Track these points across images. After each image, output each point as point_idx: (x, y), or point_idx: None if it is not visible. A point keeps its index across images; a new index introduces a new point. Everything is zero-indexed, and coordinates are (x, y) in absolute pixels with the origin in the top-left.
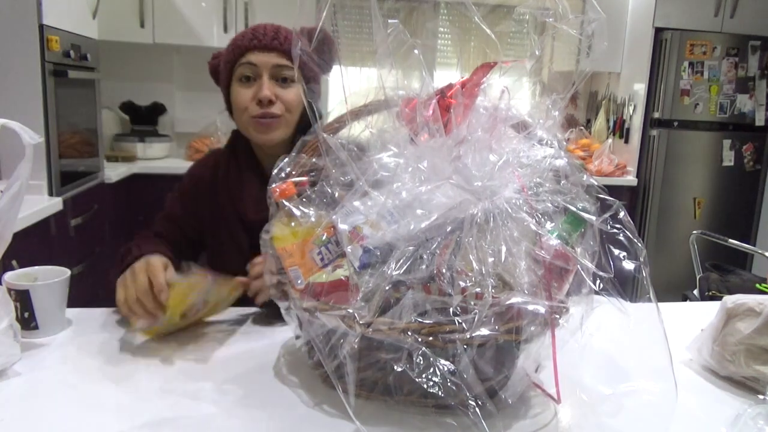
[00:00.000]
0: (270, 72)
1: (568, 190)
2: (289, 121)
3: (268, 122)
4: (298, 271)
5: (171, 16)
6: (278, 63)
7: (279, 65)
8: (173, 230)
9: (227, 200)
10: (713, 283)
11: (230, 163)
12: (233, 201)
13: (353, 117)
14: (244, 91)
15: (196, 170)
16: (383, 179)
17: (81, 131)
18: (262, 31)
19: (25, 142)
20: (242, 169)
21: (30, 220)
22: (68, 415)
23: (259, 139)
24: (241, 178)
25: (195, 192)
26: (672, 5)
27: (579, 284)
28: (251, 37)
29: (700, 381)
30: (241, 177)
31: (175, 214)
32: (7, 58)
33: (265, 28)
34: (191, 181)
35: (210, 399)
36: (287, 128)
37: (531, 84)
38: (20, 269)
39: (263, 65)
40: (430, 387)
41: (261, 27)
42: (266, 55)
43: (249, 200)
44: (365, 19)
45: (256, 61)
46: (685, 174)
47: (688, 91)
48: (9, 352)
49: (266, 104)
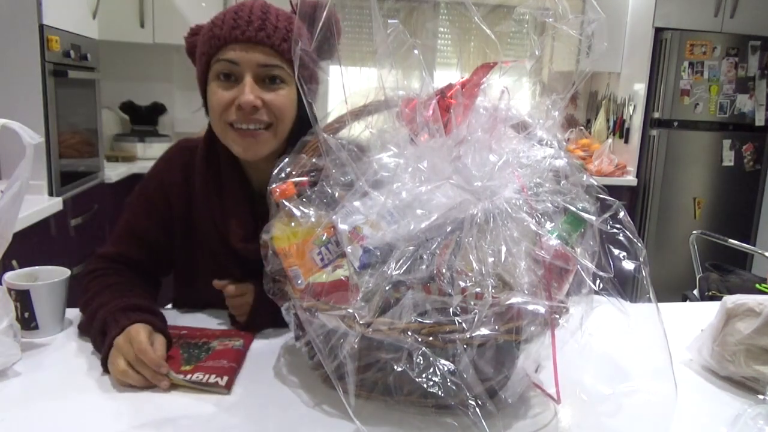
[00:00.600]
0: (255, 72)
1: (568, 190)
2: (278, 131)
3: (252, 133)
4: (298, 271)
5: (171, 16)
6: (265, 63)
7: (266, 65)
8: (140, 250)
9: (206, 217)
10: (713, 283)
11: (208, 173)
12: (214, 222)
13: (353, 117)
14: (222, 93)
15: (163, 173)
16: (383, 179)
17: (81, 131)
18: (247, 17)
19: (25, 142)
20: (224, 183)
21: (30, 220)
22: (68, 415)
23: (239, 154)
24: (222, 193)
25: (164, 202)
26: (672, 5)
27: (579, 284)
28: (232, 25)
29: (700, 381)
30: (222, 192)
31: (141, 229)
32: (7, 58)
33: (251, 12)
34: (159, 188)
35: (210, 399)
36: (275, 140)
37: (531, 84)
38: (20, 269)
39: (246, 64)
40: (430, 387)
41: (246, 10)
42: (250, 51)
43: (232, 225)
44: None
45: (238, 58)
46: (685, 174)
47: (688, 91)
48: (9, 352)
49: (249, 111)
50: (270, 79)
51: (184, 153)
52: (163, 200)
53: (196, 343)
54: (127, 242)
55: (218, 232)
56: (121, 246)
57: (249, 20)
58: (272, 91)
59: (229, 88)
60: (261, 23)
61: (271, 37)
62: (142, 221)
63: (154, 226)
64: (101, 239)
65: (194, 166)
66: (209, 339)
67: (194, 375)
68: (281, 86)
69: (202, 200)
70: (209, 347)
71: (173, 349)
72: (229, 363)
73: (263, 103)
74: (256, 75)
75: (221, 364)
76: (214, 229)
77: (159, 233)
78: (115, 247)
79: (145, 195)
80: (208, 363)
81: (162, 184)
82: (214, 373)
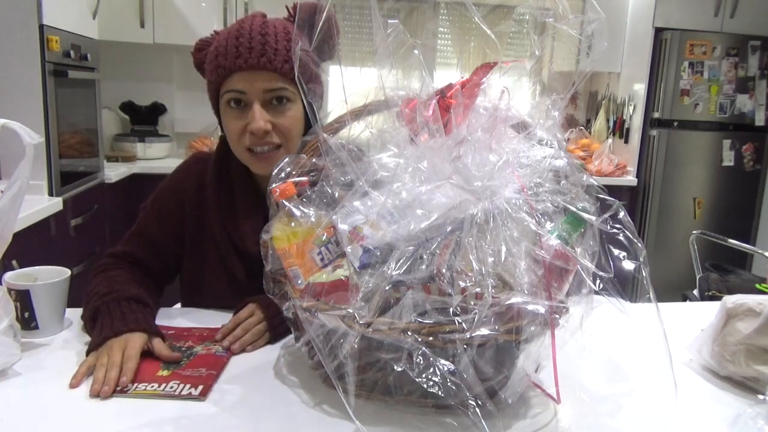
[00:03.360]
0: (262, 98)
1: (568, 190)
2: (289, 148)
3: (266, 156)
4: (298, 271)
5: (171, 16)
6: (270, 87)
7: (271, 89)
8: (149, 253)
9: (218, 224)
10: (713, 283)
11: (221, 182)
12: (226, 228)
13: (353, 117)
14: (235, 122)
15: (178, 182)
16: (383, 179)
17: (81, 131)
18: (248, 43)
19: (25, 142)
20: (236, 190)
21: (30, 220)
22: (68, 415)
23: (257, 171)
24: (233, 202)
25: (177, 207)
26: (672, 5)
27: (579, 284)
28: (235, 54)
29: (700, 381)
30: (233, 201)
31: (152, 234)
32: (7, 58)
33: (251, 39)
34: (173, 196)
35: (210, 399)
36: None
37: (531, 84)
38: (20, 269)
39: (253, 92)
40: (430, 387)
41: (246, 36)
42: (254, 77)
43: (247, 229)
44: (365, 19)
45: (244, 88)
46: (685, 174)
47: (688, 91)
48: (9, 352)
49: (261, 135)
50: (277, 100)
51: (199, 164)
52: (176, 208)
53: (180, 347)
54: (135, 243)
55: (230, 238)
56: (130, 246)
57: (250, 47)
58: (280, 113)
59: (240, 114)
60: (261, 48)
61: (273, 62)
62: (153, 227)
63: (165, 232)
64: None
65: (208, 178)
66: (194, 343)
67: (169, 384)
68: (288, 106)
69: (215, 208)
70: (192, 352)
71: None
72: (208, 371)
73: (273, 126)
74: (263, 100)
75: (199, 372)
76: (226, 236)
77: (169, 240)
78: (124, 246)
79: (159, 202)
80: (186, 371)
81: (176, 192)
82: (189, 383)
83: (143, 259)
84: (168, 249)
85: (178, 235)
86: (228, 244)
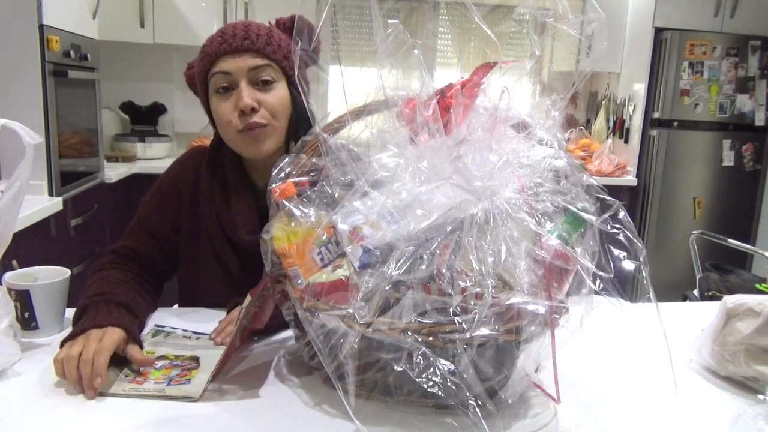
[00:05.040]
0: (247, 77)
1: (568, 190)
2: (276, 128)
3: (255, 134)
4: (298, 271)
5: (171, 16)
6: (254, 65)
7: (255, 67)
8: (150, 245)
9: (211, 215)
10: (713, 283)
11: (214, 174)
12: (218, 218)
13: (353, 117)
14: (224, 105)
15: (176, 174)
16: (383, 179)
17: (81, 131)
18: (231, 32)
19: (25, 142)
20: (228, 182)
21: (30, 220)
22: (68, 415)
23: (249, 154)
24: (226, 192)
25: (175, 198)
26: (672, 5)
27: (579, 284)
28: (220, 41)
29: (700, 381)
30: (226, 191)
31: (152, 225)
32: (7, 58)
33: (234, 28)
34: (171, 186)
35: (210, 399)
36: (276, 137)
37: (531, 84)
38: (20, 269)
39: (238, 71)
40: (430, 387)
41: (230, 28)
42: (239, 58)
43: (239, 219)
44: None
45: (230, 68)
46: (685, 174)
47: (688, 91)
48: (9, 352)
49: (249, 113)
50: (263, 83)
51: (196, 156)
52: (173, 198)
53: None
54: (136, 236)
55: (223, 228)
56: (131, 240)
57: (233, 34)
58: (265, 92)
59: (228, 98)
60: (244, 34)
61: (255, 43)
62: (153, 216)
63: (164, 221)
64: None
65: (202, 171)
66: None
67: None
68: (273, 86)
69: (208, 199)
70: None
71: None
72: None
73: (260, 104)
74: (249, 80)
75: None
76: (219, 227)
77: (167, 228)
78: (125, 241)
79: (159, 193)
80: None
81: (174, 185)
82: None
83: (145, 252)
84: (169, 239)
85: (176, 224)
86: (221, 235)
